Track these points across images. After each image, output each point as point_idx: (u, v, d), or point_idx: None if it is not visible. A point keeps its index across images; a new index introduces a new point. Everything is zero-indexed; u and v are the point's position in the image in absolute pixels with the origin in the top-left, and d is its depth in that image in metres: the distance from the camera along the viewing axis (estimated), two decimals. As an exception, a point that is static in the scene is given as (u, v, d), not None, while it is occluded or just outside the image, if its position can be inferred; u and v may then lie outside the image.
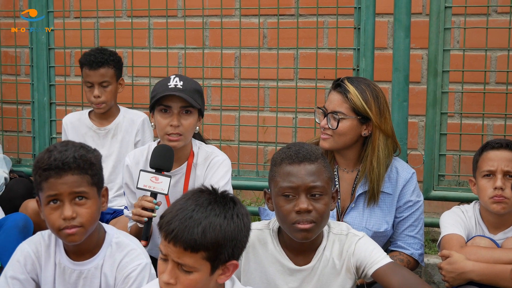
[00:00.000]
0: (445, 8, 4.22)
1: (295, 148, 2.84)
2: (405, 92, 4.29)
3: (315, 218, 2.75)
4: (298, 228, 2.75)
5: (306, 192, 2.75)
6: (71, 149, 2.71)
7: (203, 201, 2.37)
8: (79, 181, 2.69)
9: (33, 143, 5.27)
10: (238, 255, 2.41)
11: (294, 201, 2.76)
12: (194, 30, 5.28)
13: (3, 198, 4.48)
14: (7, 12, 5.80)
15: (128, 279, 2.78)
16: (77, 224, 2.69)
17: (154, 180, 3.39)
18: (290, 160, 2.79)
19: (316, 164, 2.79)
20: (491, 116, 4.91)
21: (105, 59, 4.51)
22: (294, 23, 4.74)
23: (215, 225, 2.31)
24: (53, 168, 2.65)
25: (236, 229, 2.36)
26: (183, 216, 2.32)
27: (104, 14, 5.43)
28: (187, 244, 2.29)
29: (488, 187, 3.42)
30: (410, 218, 3.56)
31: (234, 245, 2.36)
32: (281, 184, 2.78)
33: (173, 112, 3.49)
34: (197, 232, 2.29)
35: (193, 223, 2.30)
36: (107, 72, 4.51)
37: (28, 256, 2.86)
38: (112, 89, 4.54)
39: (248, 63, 5.35)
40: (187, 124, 3.52)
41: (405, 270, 2.83)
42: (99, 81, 4.49)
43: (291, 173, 2.77)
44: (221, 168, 3.66)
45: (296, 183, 2.75)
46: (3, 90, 5.67)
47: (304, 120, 5.29)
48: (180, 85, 3.49)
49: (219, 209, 2.35)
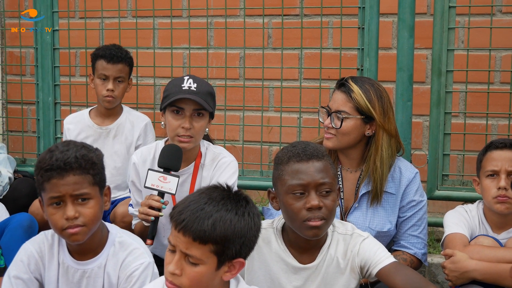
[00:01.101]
0: (449, 7, 4.21)
1: (301, 146, 2.84)
2: (409, 92, 4.28)
3: (325, 214, 2.76)
4: (310, 226, 2.75)
5: (315, 189, 2.76)
6: (73, 149, 2.71)
7: (216, 196, 2.40)
8: (81, 182, 2.69)
9: (37, 143, 5.28)
10: (245, 254, 2.42)
11: (304, 198, 2.76)
12: (199, 30, 5.29)
13: (7, 198, 4.49)
14: (12, 12, 5.81)
15: (131, 278, 2.79)
16: (80, 224, 2.70)
17: (162, 179, 3.39)
18: (298, 158, 2.79)
19: (323, 161, 2.80)
20: (495, 116, 4.91)
21: (124, 56, 4.51)
22: (299, 23, 4.74)
23: (226, 220, 2.33)
24: (55, 169, 2.66)
25: (246, 226, 2.37)
26: (195, 207, 2.36)
27: (109, 14, 5.43)
28: (196, 234, 2.31)
29: (492, 187, 3.41)
30: (413, 218, 3.56)
31: (243, 243, 2.37)
32: (290, 182, 2.77)
33: (186, 114, 3.49)
34: (207, 224, 2.31)
35: (204, 214, 2.33)
36: (124, 68, 4.51)
37: (32, 255, 2.86)
38: (124, 86, 4.54)
39: (253, 63, 5.35)
40: (199, 127, 3.53)
41: (409, 269, 2.83)
42: (115, 76, 4.48)
43: (300, 171, 2.77)
44: (228, 169, 3.66)
45: (306, 180, 2.75)
46: (8, 90, 5.69)
47: (308, 120, 5.29)
48: (194, 87, 3.48)
49: (231, 205, 2.38)
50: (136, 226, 3.69)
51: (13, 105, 5.79)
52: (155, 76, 5.09)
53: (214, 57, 5.50)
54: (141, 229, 3.61)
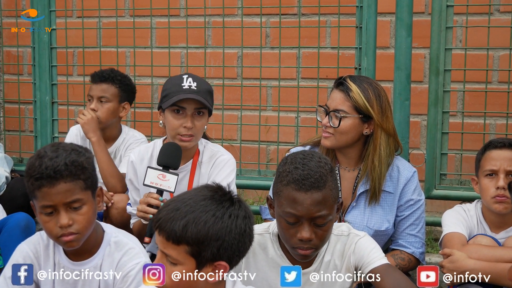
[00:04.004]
0: (447, 7, 4.21)
1: (304, 171, 2.71)
2: (407, 90, 4.28)
3: (315, 245, 2.74)
4: (298, 253, 2.76)
5: (310, 220, 2.71)
6: (62, 155, 2.66)
7: (199, 196, 2.38)
8: (73, 188, 2.66)
9: (35, 142, 5.27)
10: (228, 257, 2.37)
11: (297, 226, 2.72)
12: (197, 29, 5.28)
13: (4, 198, 4.48)
14: (10, 11, 5.79)
15: (127, 278, 2.78)
16: (74, 232, 2.68)
17: (161, 177, 3.39)
18: (297, 186, 2.69)
19: (323, 191, 2.70)
20: (493, 115, 4.90)
21: (111, 77, 4.43)
22: (296, 22, 4.74)
23: (200, 221, 2.31)
24: (44, 178, 2.61)
25: (224, 229, 2.33)
26: (172, 207, 2.35)
27: (106, 13, 5.42)
28: (169, 235, 2.32)
29: (490, 187, 3.41)
30: (411, 217, 3.55)
31: (220, 245, 2.33)
32: (285, 208, 2.72)
33: (187, 113, 3.50)
34: (179, 224, 2.31)
35: (178, 215, 2.32)
36: (109, 88, 4.42)
37: (27, 256, 2.85)
38: (110, 107, 4.42)
39: (251, 63, 5.34)
40: (200, 125, 3.54)
41: (399, 273, 2.83)
42: (98, 95, 4.40)
43: (296, 201, 2.69)
44: (226, 167, 3.67)
45: (301, 212, 2.69)
46: (5, 89, 5.68)
47: (306, 120, 5.29)
48: (194, 87, 3.49)
49: (212, 206, 2.34)
50: (134, 224, 3.69)
51: (10, 105, 5.78)
52: (152, 76, 5.08)
53: (212, 57, 5.49)
54: (139, 228, 3.61)
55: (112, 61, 5.13)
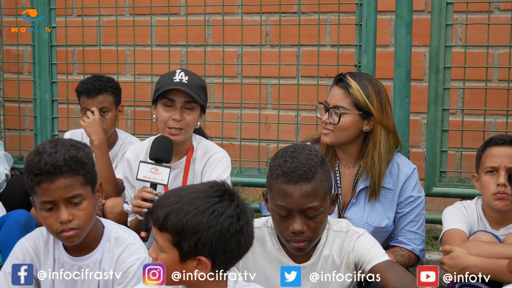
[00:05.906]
0: (447, 4, 4.21)
1: (292, 164, 2.72)
2: (406, 88, 4.28)
3: (308, 237, 2.74)
4: (292, 246, 2.77)
5: (301, 212, 2.71)
6: (61, 150, 2.65)
7: (194, 189, 2.40)
8: (72, 184, 2.66)
9: (35, 140, 5.27)
10: (210, 254, 2.34)
11: (289, 219, 2.73)
12: (196, 27, 5.28)
13: (4, 195, 4.48)
14: (10, 10, 5.79)
15: (127, 273, 2.78)
16: (74, 227, 2.69)
17: (154, 171, 3.39)
18: (285, 179, 2.70)
19: (313, 182, 2.70)
20: (493, 113, 4.90)
21: (103, 86, 4.37)
22: (296, 20, 4.74)
23: (181, 212, 2.32)
24: (44, 173, 2.61)
25: (203, 224, 2.31)
26: (165, 195, 2.40)
27: (106, 11, 5.42)
28: (154, 221, 2.37)
29: (491, 184, 3.41)
30: (411, 214, 3.55)
31: (198, 240, 2.31)
32: (276, 201, 2.73)
33: (176, 106, 3.52)
34: (162, 212, 2.35)
35: (166, 203, 2.36)
36: (106, 98, 4.37)
37: (27, 252, 2.85)
38: (111, 117, 4.40)
39: (251, 61, 5.35)
40: (189, 119, 3.55)
41: (401, 268, 2.83)
42: (99, 108, 4.34)
43: (286, 193, 2.70)
44: (221, 164, 3.67)
45: (291, 204, 2.70)
46: (5, 88, 5.67)
47: (306, 118, 5.29)
48: (185, 80, 3.51)
49: (197, 200, 2.35)
50: (131, 222, 3.69)
51: (10, 103, 5.78)
52: (152, 74, 5.07)
53: (211, 55, 5.50)
54: (136, 225, 3.61)
55: (112, 60, 5.14)
